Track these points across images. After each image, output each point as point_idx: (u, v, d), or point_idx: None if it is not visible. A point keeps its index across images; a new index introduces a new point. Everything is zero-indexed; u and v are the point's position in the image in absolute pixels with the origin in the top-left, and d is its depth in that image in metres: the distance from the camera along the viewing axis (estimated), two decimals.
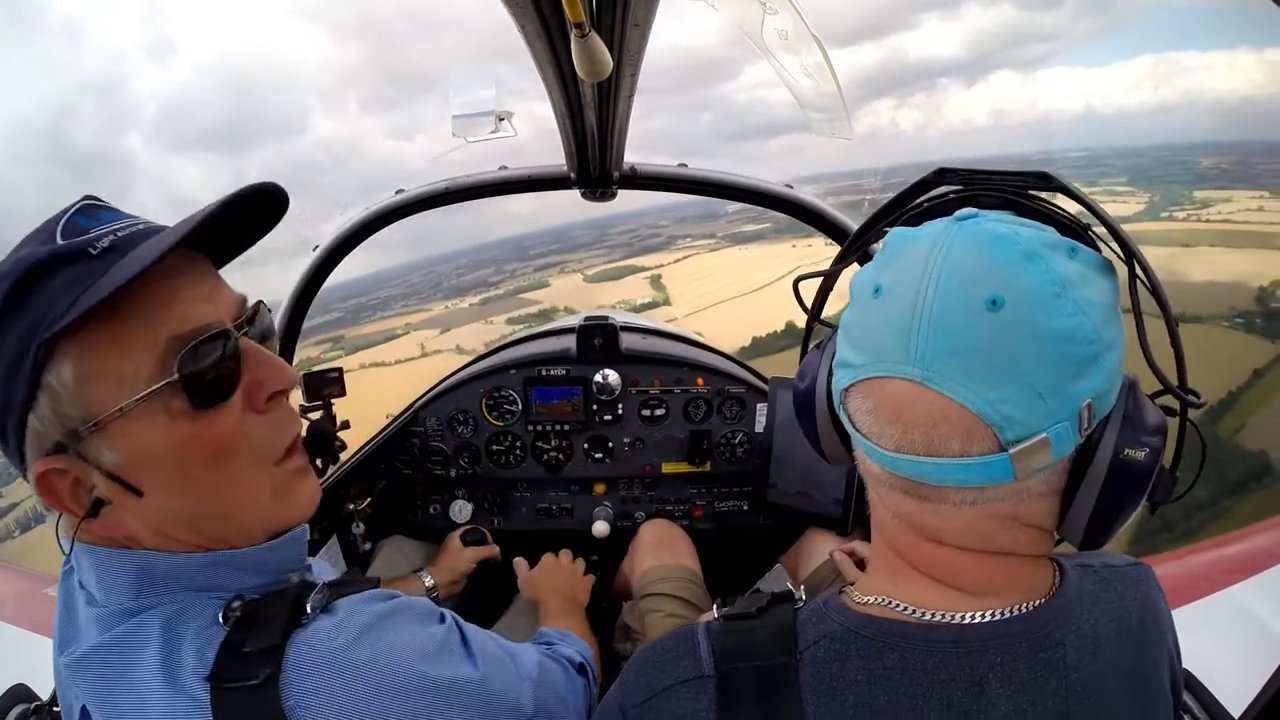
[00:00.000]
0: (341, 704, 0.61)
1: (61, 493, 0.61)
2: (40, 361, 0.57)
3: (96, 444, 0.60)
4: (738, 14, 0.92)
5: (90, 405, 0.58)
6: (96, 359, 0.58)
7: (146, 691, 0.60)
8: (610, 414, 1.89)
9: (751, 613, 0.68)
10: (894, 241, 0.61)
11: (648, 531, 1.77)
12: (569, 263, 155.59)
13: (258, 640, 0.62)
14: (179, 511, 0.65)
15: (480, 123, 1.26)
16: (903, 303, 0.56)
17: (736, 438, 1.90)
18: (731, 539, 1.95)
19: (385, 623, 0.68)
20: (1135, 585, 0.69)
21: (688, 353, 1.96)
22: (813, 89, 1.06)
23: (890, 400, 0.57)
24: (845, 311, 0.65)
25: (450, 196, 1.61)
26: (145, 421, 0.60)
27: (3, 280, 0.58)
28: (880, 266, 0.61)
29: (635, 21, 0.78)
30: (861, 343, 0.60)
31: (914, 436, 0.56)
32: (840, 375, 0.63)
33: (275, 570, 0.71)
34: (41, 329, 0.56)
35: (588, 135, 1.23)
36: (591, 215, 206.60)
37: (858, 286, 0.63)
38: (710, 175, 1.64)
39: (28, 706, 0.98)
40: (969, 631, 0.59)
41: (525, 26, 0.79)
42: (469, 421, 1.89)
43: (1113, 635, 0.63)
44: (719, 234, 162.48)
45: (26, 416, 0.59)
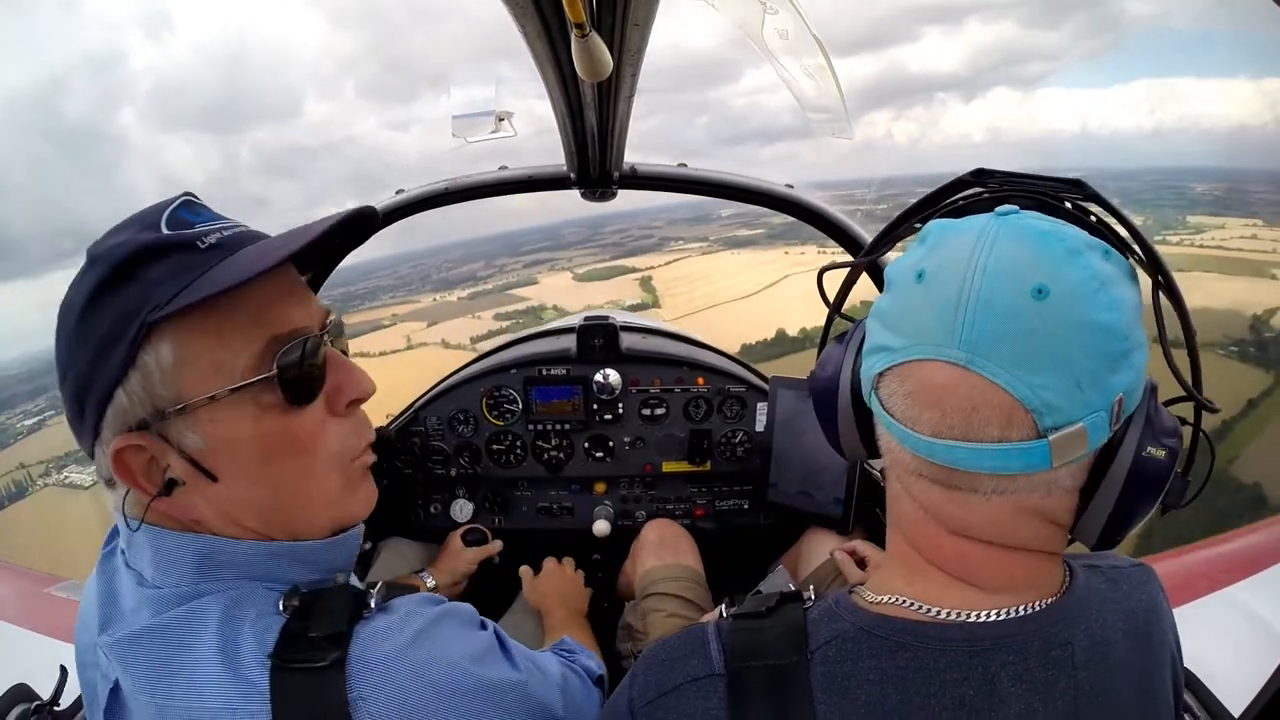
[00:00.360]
0: (402, 700, 0.63)
1: (136, 469, 0.63)
2: (140, 340, 0.60)
3: (180, 426, 0.63)
4: (738, 14, 0.92)
5: (183, 388, 0.62)
6: (196, 345, 0.62)
7: (202, 674, 0.62)
8: (611, 413, 1.89)
9: (761, 612, 0.68)
10: (937, 231, 0.62)
11: (651, 531, 1.77)
12: (559, 260, 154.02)
13: (321, 627, 0.64)
14: (251, 500, 0.67)
15: (480, 122, 1.26)
16: (949, 287, 0.56)
17: (737, 437, 1.90)
18: (732, 538, 1.95)
19: (439, 625, 0.70)
20: (1140, 585, 0.70)
21: (688, 352, 1.96)
22: (813, 90, 1.06)
23: (930, 383, 0.57)
24: (881, 298, 0.65)
25: (450, 196, 1.61)
26: (234, 411, 0.63)
27: (104, 260, 0.61)
28: (923, 253, 0.61)
29: (635, 21, 0.78)
30: (901, 326, 0.60)
31: (953, 421, 0.56)
32: (874, 360, 0.63)
33: (328, 568, 0.73)
34: (147, 309, 0.60)
35: (588, 135, 1.23)
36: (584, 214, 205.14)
37: (898, 272, 0.63)
38: (711, 175, 1.64)
39: (28, 706, 0.98)
40: (982, 630, 0.59)
41: (525, 26, 0.79)
42: (469, 421, 1.89)
43: (1120, 635, 0.63)
44: (711, 237, 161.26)
45: (114, 391, 0.61)
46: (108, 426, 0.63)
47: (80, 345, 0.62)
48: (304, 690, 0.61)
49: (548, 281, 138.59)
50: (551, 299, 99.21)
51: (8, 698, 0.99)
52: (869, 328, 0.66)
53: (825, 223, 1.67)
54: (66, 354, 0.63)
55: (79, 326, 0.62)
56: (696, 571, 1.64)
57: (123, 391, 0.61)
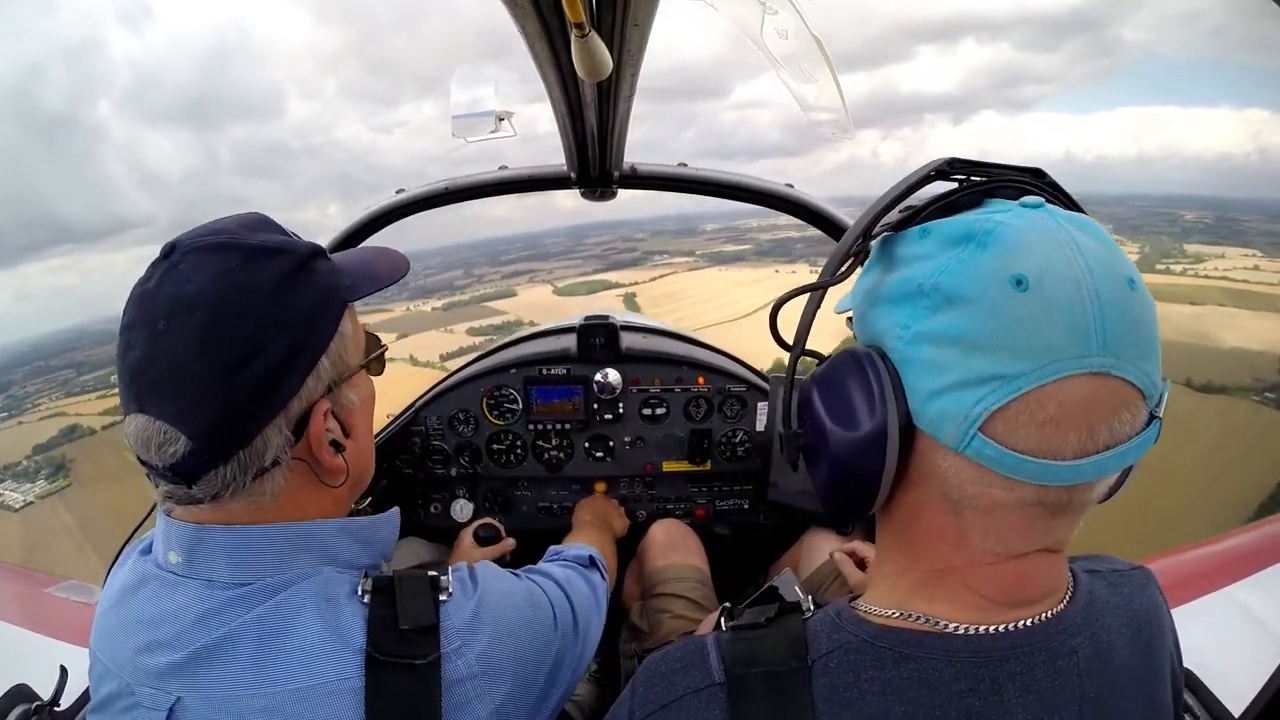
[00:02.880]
0: (493, 660, 0.72)
1: (321, 431, 0.72)
2: (341, 314, 0.74)
3: (345, 391, 0.75)
4: (738, 14, 0.92)
5: (352, 357, 0.76)
6: (352, 324, 0.77)
7: (313, 653, 0.66)
8: (611, 413, 1.89)
9: (761, 623, 0.67)
10: (1001, 229, 0.53)
11: (657, 531, 1.77)
12: (539, 272, 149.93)
13: (410, 619, 0.70)
14: (364, 451, 0.81)
15: (480, 122, 1.26)
16: (1067, 291, 0.50)
17: (737, 436, 1.90)
18: (732, 538, 1.95)
19: (490, 580, 0.80)
20: (1140, 588, 0.69)
21: (688, 352, 1.96)
22: (813, 91, 1.06)
23: (1074, 401, 0.50)
24: (943, 318, 0.53)
25: (450, 196, 1.62)
26: (365, 377, 0.81)
27: (288, 252, 0.70)
28: (1002, 256, 0.52)
29: (635, 21, 0.78)
30: (1014, 346, 0.50)
31: (1100, 434, 0.51)
32: (979, 395, 0.51)
33: (378, 551, 0.80)
34: (342, 291, 0.74)
35: (588, 135, 1.23)
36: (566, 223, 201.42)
37: (977, 283, 0.52)
38: (710, 175, 1.64)
39: (28, 707, 0.98)
40: (989, 641, 0.58)
41: (525, 26, 0.79)
42: (470, 420, 1.89)
43: (1123, 640, 0.63)
44: (697, 251, 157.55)
45: (320, 358, 0.71)
46: (302, 397, 0.70)
47: (285, 317, 0.68)
48: (399, 683, 0.67)
49: (527, 294, 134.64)
50: (529, 314, 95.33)
51: (8, 698, 0.99)
52: (928, 359, 0.54)
53: (826, 223, 1.67)
54: (266, 329, 0.66)
55: (278, 303, 0.68)
56: (703, 572, 1.64)
57: (326, 358, 0.71)
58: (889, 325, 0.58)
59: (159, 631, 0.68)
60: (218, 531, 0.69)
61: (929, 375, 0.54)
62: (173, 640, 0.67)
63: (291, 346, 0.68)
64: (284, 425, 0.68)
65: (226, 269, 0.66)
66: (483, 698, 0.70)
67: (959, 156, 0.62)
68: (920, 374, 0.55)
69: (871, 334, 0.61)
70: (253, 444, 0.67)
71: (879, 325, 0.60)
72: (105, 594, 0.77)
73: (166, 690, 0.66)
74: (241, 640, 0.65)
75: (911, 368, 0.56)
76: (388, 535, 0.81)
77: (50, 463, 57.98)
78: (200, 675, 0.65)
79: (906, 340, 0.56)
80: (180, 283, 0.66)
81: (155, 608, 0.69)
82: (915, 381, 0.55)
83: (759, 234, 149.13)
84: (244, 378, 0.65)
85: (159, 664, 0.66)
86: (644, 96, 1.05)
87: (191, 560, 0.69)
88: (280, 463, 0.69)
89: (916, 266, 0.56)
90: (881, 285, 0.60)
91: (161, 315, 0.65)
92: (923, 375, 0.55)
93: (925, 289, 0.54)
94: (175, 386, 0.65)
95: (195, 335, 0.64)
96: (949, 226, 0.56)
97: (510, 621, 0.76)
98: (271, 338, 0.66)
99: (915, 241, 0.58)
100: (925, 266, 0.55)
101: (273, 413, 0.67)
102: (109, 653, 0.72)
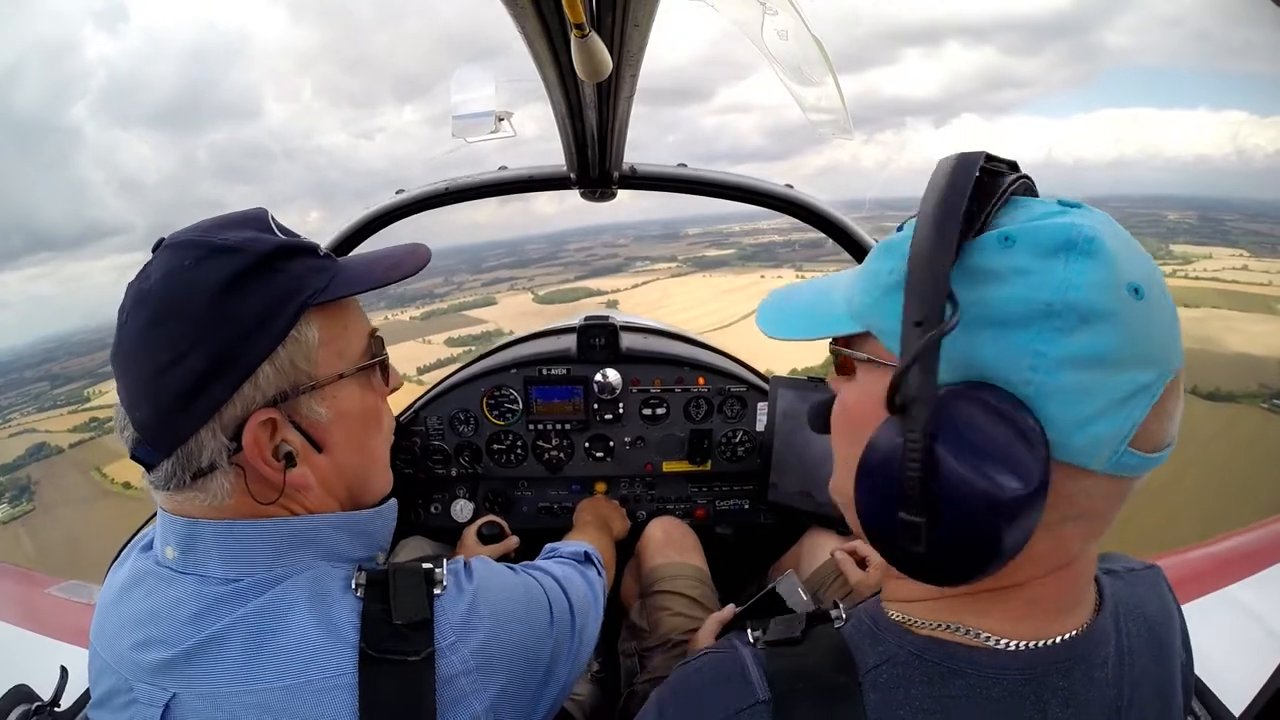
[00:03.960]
0: (488, 655, 0.72)
1: (264, 445, 0.68)
2: (295, 320, 0.69)
3: (309, 401, 0.71)
4: (738, 14, 0.92)
5: (318, 367, 0.71)
6: (330, 331, 0.72)
7: (306, 650, 0.65)
8: (611, 413, 1.89)
9: (796, 637, 0.64)
10: (1098, 235, 0.50)
11: (656, 529, 1.77)
12: (520, 279, 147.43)
13: (404, 613, 0.69)
14: (349, 467, 0.77)
15: (480, 123, 1.26)
16: (1161, 291, 0.51)
17: (737, 437, 1.90)
18: (733, 538, 1.95)
19: (486, 574, 0.79)
20: (1152, 588, 0.68)
21: (688, 352, 1.96)
22: (813, 91, 1.06)
23: (1176, 393, 0.52)
24: (1095, 336, 0.49)
25: (450, 196, 1.62)
26: (350, 389, 0.75)
27: (245, 250, 0.67)
28: (1114, 265, 0.49)
29: (635, 22, 0.78)
30: (1150, 355, 0.50)
31: (1177, 418, 0.54)
32: (1132, 409, 0.49)
33: (375, 542, 0.79)
34: (305, 294, 0.69)
35: (588, 135, 1.23)
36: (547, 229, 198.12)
37: (1106, 297, 0.48)
38: (710, 175, 1.64)
39: (28, 707, 0.98)
40: (1034, 657, 0.56)
41: (525, 26, 0.79)
42: (470, 421, 1.89)
43: (1142, 643, 0.62)
44: (680, 257, 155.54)
45: (260, 365, 0.67)
46: (235, 404, 0.67)
47: (221, 323, 0.65)
48: (392, 680, 0.66)
49: (507, 302, 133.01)
50: (509, 323, 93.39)
51: (8, 698, 0.99)
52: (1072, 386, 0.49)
53: (827, 223, 1.67)
54: (194, 333, 0.65)
55: (216, 306, 0.65)
56: (702, 570, 1.64)
57: (269, 365, 0.67)
58: (1009, 355, 0.50)
59: (154, 628, 0.68)
60: (209, 526, 0.69)
61: (1075, 403, 0.49)
62: (168, 636, 0.67)
63: (218, 353, 0.65)
64: (218, 430, 0.67)
65: (179, 267, 0.67)
66: (478, 693, 0.70)
67: (991, 154, 0.57)
68: (1065, 404, 0.49)
69: (978, 366, 0.51)
70: (188, 444, 0.67)
71: (984, 355, 0.50)
72: (105, 590, 0.77)
73: (162, 686, 0.66)
74: (234, 636, 0.65)
75: (1053, 399, 0.49)
76: (384, 528, 0.81)
77: (14, 484, 55.84)
78: (194, 671, 0.65)
79: (1045, 369, 0.49)
80: (145, 277, 0.68)
81: (151, 603, 0.69)
82: (1059, 412, 0.49)
83: (742, 238, 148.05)
84: (169, 380, 0.65)
85: (154, 660, 0.66)
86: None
87: (186, 555, 0.69)
88: (218, 467, 0.68)
89: (1024, 282, 0.50)
90: (971, 308, 0.51)
91: (126, 306, 0.68)
92: (1068, 404, 0.49)
93: (1056, 308, 0.48)
94: (125, 377, 0.68)
95: (139, 331, 0.66)
96: (1038, 234, 0.51)
97: (506, 616, 0.76)
98: (197, 342, 0.65)
99: (998, 251, 0.51)
100: (1039, 281, 0.49)
101: (201, 418, 0.66)
102: (108, 649, 0.72)
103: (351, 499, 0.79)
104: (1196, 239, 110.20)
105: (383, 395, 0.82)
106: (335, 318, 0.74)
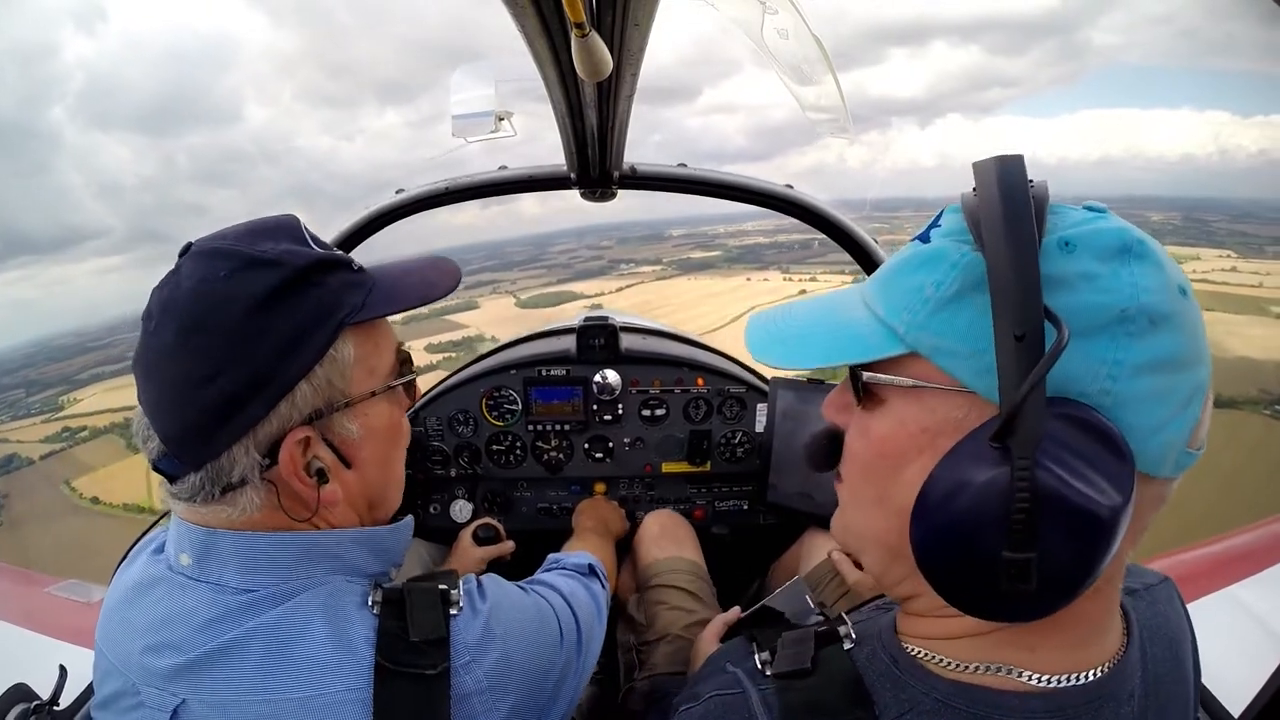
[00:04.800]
0: (501, 675, 0.71)
1: (298, 462, 0.68)
2: (334, 338, 0.68)
3: (340, 419, 0.71)
4: (738, 13, 0.92)
5: (352, 385, 0.71)
6: (364, 349, 0.72)
7: (321, 663, 0.65)
8: (610, 414, 1.89)
9: (807, 669, 0.60)
10: (1143, 238, 0.51)
11: (652, 522, 1.77)
12: (502, 282, 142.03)
13: (421, 631, 0.69)
14: (376, 482, 0.77)
15: (480, 122, 1.26)
16: (1193, 295, 0.51)
17: (737, 437, 1.90)
18: (732, 539, 1.95)
19: (499, 595, 0.79)
20: (1169, 603, 0.67)
21: (688, 353, 1.96)
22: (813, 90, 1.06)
23: (1208, 389, 0.52)
24: (1164, 339, 0.48)
25: (450, 196, 1.62)
26: (380, 406, 0.75)
27: (284, 263, 0.66)
28: (1164, 267, 0.50)
29: (635, 21, 0.78)
30: (1202, 353, 0.50)
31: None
32: (1190, 412, 0.49)
33: (390, 559, 0.79)
34: (343, 312, 0.69)
35: (588, 135, 1.23)
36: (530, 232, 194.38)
37: (1168, 299, 0.48)
38: (710, 175, 1.64)
39: (28, 706, 0.98)
40: (1063, 697, 0.53)
41: (525, 26, 0.79)
42: (469, 421, 1.89)
43: (1166, 668, 0.60)
44: (665, 259, 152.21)
45: (298, 383, 0.66)
46: (271, 421, 0.66)
47: (256, 339, 0.64)
48: (408, 693, 0.66)
49: (489, 306, 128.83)
50: (491, 328, 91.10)
51: (7, 698, 0.99)
52: (1148, 392, 0.48)
53: (827, 224, 1.67)
54: (229, 349, 0.63)
55: (252, 321, 0.64)
56: (698, 565, 1.63)
57: (307, 383, 0.67)
58: (1090, 364, 0.48)
59: (167, 633, 0.67)
60: (228, 537, 0.68)
61: (1152, 409, 0.48)
62: (180, 642, 0.66)
63: (255, 374, 0.64)
64: (252, 447, 0.66)
65: (212, 278, 0.65)
66: (489, 712, 0.70)
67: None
68: (1142, 410, 0.48)
69: (1057, 379, 0.48)
70: (219, 459, 0.66)
71: (1068, 365, 0.47)
72: (113, 591, 0.77)
73: (172, 692, 0.66)
74: (249, 646, 0.65)
75: (1131, 406, 0.48)
76: (400, 544, 0.81)
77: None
78: (206, 679, 0.65)
79: (1123, 377, 0.47)
80: (174, 284, 0.67)
81: (164, 609, 0.69)
82: (1137, 420, 0.48)
83: (727, 239, 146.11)
84: (201, 396, 0.64)
85: (165, 665, 0.66)
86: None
87: (202, 564, 0.69)
88: (248, 482, 0.67)
89: (1088, 288, 0.48)
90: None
91: (153, 313, 0.66)
92: (1145, 411, 0.48)
93: (1130, 313, 0.47)
94: (152, 388, 0.66)
95: (169, 341, 0.65)
96: (1095, 239, 0.50)
97: (519, 638, 0.76)
98: (234, 361, 0.64)
99: (1061, 257, 0.49)
100: (1109, 286, 0.48)
101: (236, 434, 0.65)
102: (115, 651, 0.72)
103: (370, 513, 0.79)
104: (1182, 239, 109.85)
105: (405, 411, 0.82)
106: (368, 335, 0.73)
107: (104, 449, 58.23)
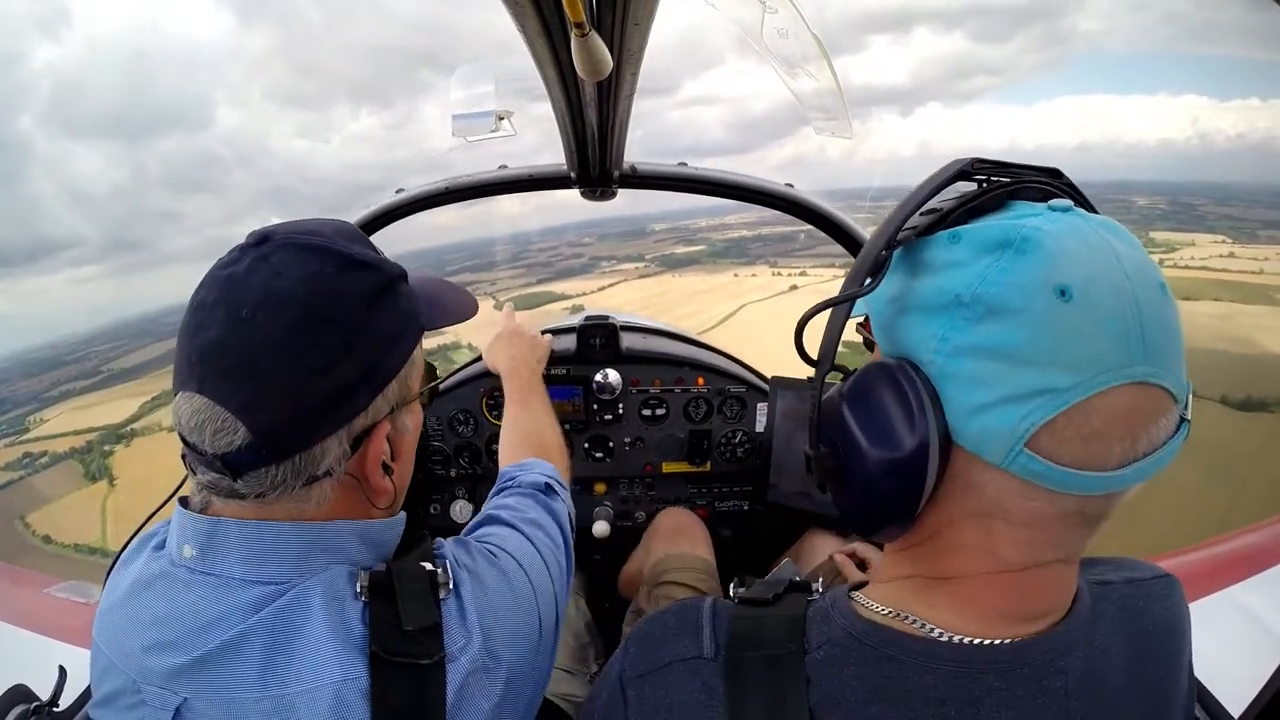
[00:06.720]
0: (491, 651, 0.72)
1: (378, 452, 0.72)
2: (418, 340, 0.76)
3: (403, 415, 0.77)
4: (737, 13, 0.92)
5: (414, 384, 0.77)
6: (419, 352, 0.78)
7: (322, 653, 0.65)
8: (610, 414, 1.89)
9: (767, 599, 0.67)
10: (1039, 236, 0.51)
11: (665, 519, 1.78)
12: (482, 283, 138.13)
13: (414, 619, 0.69)
14: (403, 476, 0.81)
15: (479, 122, 1.26)
16: (1110, 300, 0.49)
17: (737, 437, 1.90)
18: (732, 539, 1.95)
19: (476, 568, 0.79)
20: (1158, 600, 0.67)
21: (688, 352, 1.96)
22: (811, 89, 1.06)
23: (1118, 412, 0.50)
24: (1000, 329, 0.51)
25: (450, 196, 1.62)
26: (417, 405, 0.81)
27: (383, 269, 0.72)
28: (1045, 265, 0.50)
29: (635, 21, 0.78)
30: (1060, 358, 0.49)
31: (1140, 442, 0.51)
32: (1029, 409, 0.50)
33: (382, 553, 0.79)
34: (419, 319, 0.76)
35: (588, 135, 1.23)
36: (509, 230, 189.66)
37: (1021, 293, 0.50)
38: (710, 174, 1.64)
39: (27, 707, 0.98)
40: (970, 653, 0.57)
41: (525, 26, 0.79)
42: (469, 421, 1.89)
43: (1122, 663, 0.61)
44: (647, 256, 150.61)
45: (392, 379, 0.72)
46: (368, 413, 0.70)
47: (367, 335, 0.69)
48: (405, 684, 0.66)
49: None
50: (468, 335, 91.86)
51: (7, 698, 0.99)
52: (969, 374, 0.52)
53: (827, 223, 1.67)
54: (347, 341, 0.67)
55: (366, 317, 0.69)
56: (709, 562, 1.64)
57: (395, 381, 0.72)
58: (923, 337, 0.54)
59: (169, 631, 0.67)
60: (232, 526, 0.68)
61: (971, 390, 0.52)
62: (182, 640, 0.66)
63: (369, 364, 0.69)
64: (345, 438, 0.68)
65: (321, 272, 0.66)
66: (485, 691, 0.70)
67: (981, 156, 0.60)
68: (961, 389, 0.52)
69: (901, 345, 0.57)
70: (311, 450, 0.66)
71: (910, 337, 0.56)
72: (112, 587, 0.76)
73: (174, 691, 0.65)
74: (251, 642, 0.65)
75: (951, 382, 0.53)
76: (393, 539, 0.80)
77: None
78: (208, 677, 0.65)
79: (945, 354, 0.53)
80: (272, 275, 0.65)
81: (166, 606, 0.68)
82: (955, 396, 0.53)
83: (710, 234, 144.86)
84: (319, 384, 0.65)
85: (167, 664, 0.66)
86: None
87: (205, 555, 0.68)
88: (332, 474, 0.69)
89: (950, 274, 0.54)
90: (910, 293, 0.57)
91: (248, 303, 0.64)
92: (964, 390, 0.52)
93: (965, 299, 0.52)
94: (248, 378, 0.64)
95: (281, 332, 0.63)
96: (982, 232, 0.54)
97: (501, 609, 0.76)
98: (353, 351, 0.67)
99: (945, 247, 0.55)
100: (962, 275, 0.53)
101: (337, 424, 0.67)
102: (115, 648, 0.71)
103: (396, 508, 0.82)
104: (1174, 225, 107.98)
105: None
106: (421, 341, 0.80)
107: (62, 478, 57.20)
